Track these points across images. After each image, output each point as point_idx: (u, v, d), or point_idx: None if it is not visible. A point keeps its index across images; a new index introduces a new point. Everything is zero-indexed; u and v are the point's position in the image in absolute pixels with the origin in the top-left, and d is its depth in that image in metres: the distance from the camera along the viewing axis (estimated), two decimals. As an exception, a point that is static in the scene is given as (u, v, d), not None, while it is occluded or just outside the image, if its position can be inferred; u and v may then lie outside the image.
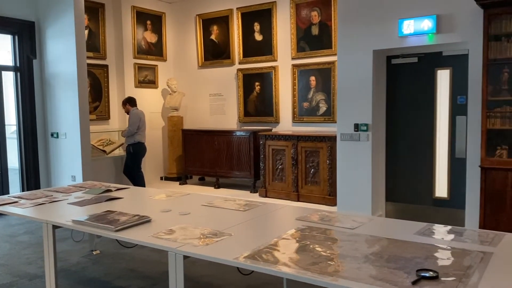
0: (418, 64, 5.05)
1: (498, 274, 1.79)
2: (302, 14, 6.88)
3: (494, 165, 4.12)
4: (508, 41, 4.05)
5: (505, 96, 4.13)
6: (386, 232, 2.49)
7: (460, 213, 4.72)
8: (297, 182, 6.33)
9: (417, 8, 4.63)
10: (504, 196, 4.07)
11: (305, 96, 6.99)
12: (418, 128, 5.12)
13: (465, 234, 2.39)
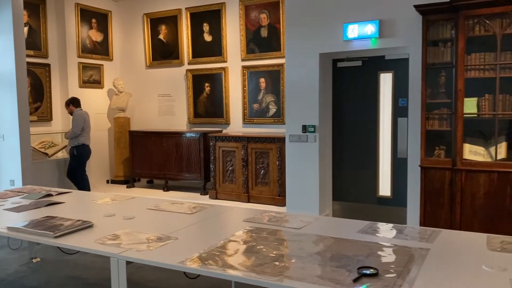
0: (362, 67, 5.21)
1: (433, 269, 1.87)
2: (251, 16, 6.91)
3: (432, 164, 4.33)
4: (445, 46, 4.27)
5: (443, 98, 4.35)
6: (331, 231, 2.54)
7: (403, 211, 4.91)
8: (247, 183, 6.35)
9: (361, 13, 4.78)
10: (442, 194, 4.28)
11: (255, 98, 7.03)
12: (363, 129, 5.28)
13: (405, 232, 2.48)
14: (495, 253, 2.05)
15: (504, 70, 4.01)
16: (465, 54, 4.07)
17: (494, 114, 4.08)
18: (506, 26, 3.93)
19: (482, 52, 4.07)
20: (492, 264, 1.86)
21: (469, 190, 4.11)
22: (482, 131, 4.28)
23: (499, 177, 4.00)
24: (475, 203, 4.10)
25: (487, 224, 4.06)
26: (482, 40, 4.09)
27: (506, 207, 3.99)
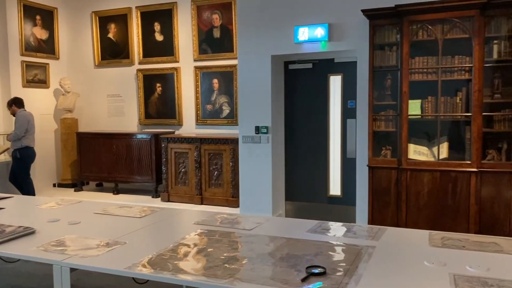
0: (313, 69, 5.31)
1: (379, 265, 1.93)
2: (203, 16, 6.87)
3: (379, 164, 4.47)
4: (391, 50, 4.43)
5: (389, 101, 4.51)
6: (282, 231, 2.56)
7: (352, 209, 5.04)
8: (200, 185, 6.29)
9: (311, 16, 4.87)
10: (389, 193, 4.43)
11: (208, 99, 6.98)
12: (314, 130, 5.38)
13: (352, 230, 2.55)
14: (436, 249, 2.14)
15: (445, 74, 4.21)
16: (409, 58, 4.24)
17: (437, 116, 4.28)
18: (447, 31, 4.13)
19: (425, 56, 4.26)
20: (433, 260, 1.94)
21: (413, 188, 4.29)
22: (425, 132, 4.47)
23: (441, 176, 4.20)
24: (419, 201, 4.28)
25: (430, 220, 4.25)
26: (425, 45, 4.28)
27: (448, 205, 4.19)
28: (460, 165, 4.15)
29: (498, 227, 4.10)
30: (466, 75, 4.14)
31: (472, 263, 1.88)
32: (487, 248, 2.11)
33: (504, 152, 4.14)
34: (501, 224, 4.10)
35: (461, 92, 4.21)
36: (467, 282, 1.68)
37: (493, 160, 4.14)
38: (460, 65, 4.14)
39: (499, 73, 4.13)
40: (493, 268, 1.83)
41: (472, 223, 4.11)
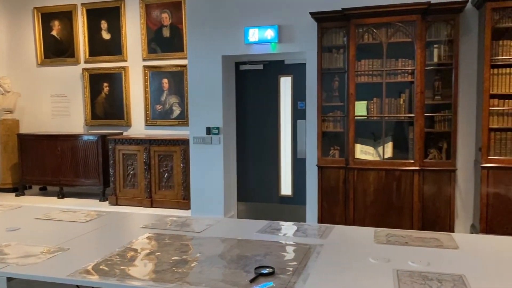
0: (263, 70, 5.34)
1: (326, 263, 1.96)
2: (152, 15, 6.73)
3: (328, 164, 4.57)
4: (338, 52, 4.54)
5: (336, 102, 4.62)
6: (232, 232, 2.55)
7: (303, 209, 5.12)
8: (150, 188, 6.16)
9: (261, 18, 4.90)
10: (337, 192, 4.54)
11: (158, 99, 6.85)
12: (265, 130, 5.42)
13: (302, 229, 2.58)
14: (381, 245, 2.21)
15: (390, 76, 4.37)
16: (356, 60, 4.37)
17: (382, 116, 4.43)
18: (391, 35, 4.29)
19: (371, 59, 4.40)
20: (377, 256, 2.00)
21: (360, 187, 4.42)
22: (371, 132, 4.62)
23: (387, 175, 4.35)
24: (366, 199, 4.41)
25: (377, 218, 4.39)
26: (371, 48, 4.43)
27: (393, 202, 4.35)
28: (404, 164, 4.32)
29: (440, 223, 4.30)
30: (409, 77, 4.32)
31: (414, 259, 1.95)
32: (428, 244, 2.20)
33: (444, 151, 4.35)
34: (442, 220, 4.31)
35: (404, 94, 4.39)
36: (409, 277, 1.75)
37: (434, 159, 4.35)
38: (403, 68, 4.32)
39: (439, 76, 4.34)
40: (433, 263, 1.91)
41: (416, 220, 4.29)
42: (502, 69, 3.99)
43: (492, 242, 2.44)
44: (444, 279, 1.72)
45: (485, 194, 4.02)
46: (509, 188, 3.96)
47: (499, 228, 4.01)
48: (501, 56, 3.98)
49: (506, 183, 3.98)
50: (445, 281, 1.70)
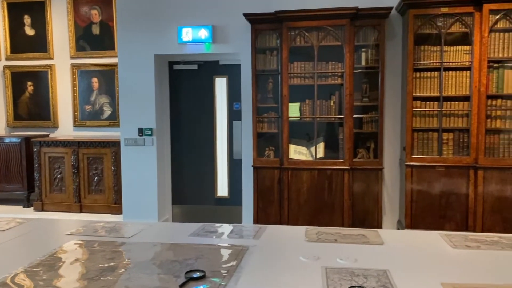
0: (198, 71, 5.29)
1: (258, 264, 1.97)
2: (81, 11, 6.43)
3: (263, 164, 4.61)
4: (271, 54, 4.59)
5: (271, 103, 4.67)
6: (164, 237, 2.49)
7: (239, 210, 5.13)
8: (79, 192, 5.88)
9: (194, 17, 4.84)
10: (272, 192, 4.59)
11: (87, 99, 6.55)
12: (201, 131, 5.36)
13: (235, 231, 2.57)
14: (311, 243, 2.25)
15: (321, 78, 4.49)
16: (289, 62, 4.45)
17: (314, 118, 4.55)
18: (321, 38, 4.41)
19: (303, 61, 4.50)
20: (308, 255, 2.03)
21: (294, 187, 4.50)
22: (304, 133, 4.73)
23: (319, 174, 4.47)
24: (300, 198, 4.50)
25: (310, 216, 4.50)
26: (303, 51, 4.53)
27: (325, 201, 4.48)
28: (335, 163, 4.45)
29: (369, 219, 4.49)
30: (338, 80, 4.46)
31: (342, 255, 2.01)
32: (355, 240, 2.28)
33: (372, 150, 4.55)
34: (371, 216, 4.50)
35: (334, 96, 4.53)
36: (337, 274, 1.79)
37: (363, 158, 4.53)
38: (334, 71, 4.46)
39: (367, 79, 4.53)
40: (360, 259, 1.98)
41: (346, 217, 4.44)
42: (424, 73, 4.24)
43: (415, 237, 2.57)
44: (369, 275, 1.78)
45: (409, 191, 4.25)
46: (431, 185, 4.22)
47: (423, 223, 4.25)
48: (423, 60, 4.23)
49: (428, 181, 4.23)
50: (371, 276, 1.77)
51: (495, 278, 1.76)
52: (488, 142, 4.11)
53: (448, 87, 4.20)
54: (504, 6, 3.99)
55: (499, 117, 4.14)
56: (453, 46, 4.18)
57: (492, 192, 4.08)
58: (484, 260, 2.02)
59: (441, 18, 4.15)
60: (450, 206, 4.19)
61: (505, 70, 4.10)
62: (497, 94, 4.12)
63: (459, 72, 4.17)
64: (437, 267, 1.93)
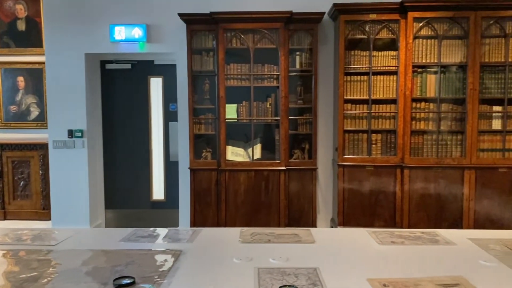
0: (132, 70, 5.14)
1: (191, 268, 1.94)
2: (4, 6, 6.02)
3: (200, 166, 4.58)
4: (208, 55, 4.57)
5: (208, 104, 4.65)
6: (93, 243, 2.39)
7: (176, 213, 5.04)
8: (3, 198, 5.50)
9: (127, 15, 4.71)
10: (210, 194, 4.57)
11: (12, 99, 6.14)
12: (135, 133, 5.22)
13: (168, 234, 2.52)
14: (245, 245, 2.26)
15: (257, 80, 4.54)
16: (225, 64, 4.45)
17: (251, 119, 4.58)
18: (257, 41, 4.45)
19: (239, 63, 4.52)
20: (241, 256, 2.04)
21: (232, 188, 4.50)
22: (241, 134, 4.75)
23: (256, 175, 4.51)
24: (237, 199, 4.51)
25: (248, 217, 4.52)
26: (239, 52, 4.55)
27: (262, 201, 4.52)
28: (271, 164, 4.52)
29: (304, 218, 4.60)
30: (274, 82, 4.53)
31: (275, 255, 2.04)
32: (288, 240, 2.32)
33: (306, 151, 4.66)
34: (306, 215, 4.61)
35: (271, 98, 4.60)
36: (268, 274, 1.81)
37: (298, 158, 4.63)
38: (269, 73, 4.52)
39: (301, 82, 4.64)
40: (292, 258, 2.02)
41: (283, 217, 4.52)
42: (354, 77, 4.42)
43: (344, 234, 2.67)
44: (300, 273, 1.82)
45: (341, 190, 4.41)
46: (362, 184, 4.40)
47: (354, 220, 4.42)
48: (353, 64, 4.40)
49: (359, 180, 4.41)
50: (301, 274, 1.81)
51: (417, 271, 1.87)
52: (413, 142, 4.36)
53: (376, 91, 4.40)
54: (426, 15, 4.25)
55: (423, 119, 4.41)
56: (381, 52, 4.39)
57: (417, 190, 4.33)
58: (408, 255, 2.14)
59: (370, 24, 4.34)
60: (379, 203, 4.40)
61: (428, 75, 4.37)
62: (421, 97, 4.39)
63: (386, 76, 4.39)
64: (364, 263, 2.01)
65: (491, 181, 4.28)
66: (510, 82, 4.29)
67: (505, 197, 4.28)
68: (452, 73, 4.37)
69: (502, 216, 4.30)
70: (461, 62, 4.30)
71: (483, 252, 2.11)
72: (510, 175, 4.27)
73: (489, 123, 4.35)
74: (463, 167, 4.28)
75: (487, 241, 2.27)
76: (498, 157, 4.31)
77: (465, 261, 2.01)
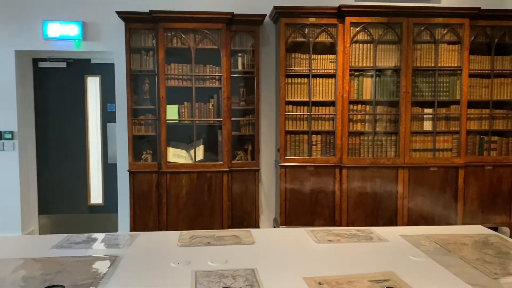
0: (67, 69, 4.92)
1: (126, 274, 1.88)
2: None
3: (140, 168, 4.46)
4: (147, 55, 4.46)
5: (147, 105, 4.54)
6: (22, 251, 2.25)
7: (115, 217, 4.88)
8: None
9: (62, 11, 4.50)
10: (150, 197, 4.46)
11: None
12: (71, 135, 4.99)
13: (104, 240, 2.43)
14: (184, 248, 2.23)
15: (199, 81, 4.50)
16: (166, 64, 4.37)
17: (193, 120, 4.53)
18: (198, 41, 4.41)
19: (180, 63, 4.45)
20: (179, 260, 2.01)
21: (173, 191, 4.43)
22: (183, 136, 4.68)
23: (198, 177, 4.46)
24: (179, 202, 4.44)
25: (190, 220, 4.47)
26: (180, 52, 4.48)
27: (205, 203, 4.49)
28: (214, 166, 4.49)
29: (247, 219, 4.61)
30: (216, 83, 4.51)
31: (214, 258, 2.02)
32: (228, 242, 2.31)
33: (249, 152, 4.68)
34: (249, 216, 4.62)
35: (213, 99, 4.57)
36: (206, 277, 1.79)
37: (241, 160, 4.64)
38: (211, 74, 4.49)
39: (244, 83, 4.66)
40: (230, 260, 2.01)
41: (226, 218, 4.51)
42: (295, 79, 4.49)
43: (284, 234, 2.71)
44: (238, 275, 1.82)
45: (283, 190, 4.47)
46: (303, 184, 4.48)
47: (296, 220, 4.50)
48: (293, 67, 4.48)
49: (300, 180, 4.49)
50: (239, 276, 1.80)
51: (351, 268, 1.93)
52: (350, 143, 4.51)
53: (316, 93, 4.50)
54: (363, 20, 4.41)
55: (359, 121, 4.57)
56: (320, 55, 4.49)
57: (354, 189, 4.48)
58: (343, 252, 2.20)
59: (309, 28, 4.44)
60: (320, 203, 4.50)
61: (364, 78, 4.53)
62: (358, 100, 4.54)
63: (325, 79, 4.50)
64: (301, 262, 2.05)
65: (423, 180, 4.52)
66: (440, 85, 4.55)
67: (436, 195, 4.53)
68: (387, 77, 4.57)
69: (433, 212, 4.55)
70: (395, 66, 4.50)
71: (413, 248, 2.22)
72: (440, 174, 4.53)
73: (420, 124, 4.59)
74: (397, 166, 4.49)
75: (418, 237, 2.39)
76: (429, 157, 4.55)
77: (396, 257, 2.10)
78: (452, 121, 4.59)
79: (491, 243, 2.30)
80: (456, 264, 1.98)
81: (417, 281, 1.77)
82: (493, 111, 4.66)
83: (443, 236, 2.41)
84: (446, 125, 4.60)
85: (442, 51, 4.52)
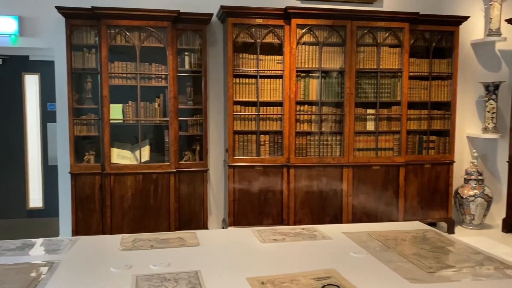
0: (3, 66, 4.67)
1: (61, 282, 1.80)
2: None
3: (82, 170, 4.29)
4: (90, 52, 4.30)
5: (90, 104, 4.37)
6: None
7: (56, 221, 4.67)
8: None
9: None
10: (93, 200, 4.30)
11: None
12: (8, 135, 4.74)
13: (42, 245, 2.31)
14: (126, 252, 2.16)
15: (144, 80, 4.39)
16: (109, 62, 4.23)
17: (138, 120, 4.41)
18: (143, 39, 4.31)
19: (125, 61, 4.33)
20: (119, 264, 1.94)
21: (118, 193, 4.30)
22: (128, 136, 4.55)
23: (144, 178, 4.36)
24: (124, 204, 4.32)
25: (135, 223, 4.35)
26: (124, 50, 4.35)
27: (151, 205, 4.39)
28: (161, 167, 4.40)
29: (195, 221, 4.56)
30: (162, 82, 4.43)
31: (156, 261, 1.97)
32: (172, 244, 2.27)
33: (197, 153, 4.63)
34: (197, 217, 4.57)
35: (159, 98, 4.48)
36: (147, 281, 1.75)
37: (189, 160, 4.58)
38: (157, 73, 4.40)
39: (191, 82, 4.60)
40: (174, 263, 1.97)
41: (173, 220, 4.43)
42: (243, 79, 4.49)
43: (230, 235, 2.70)
44: (180, 278, 1.79)
45: (232, 190, 4.46)
46: (251, 184, 4.49)
47: (245, 220, 4.50)
48: (241, 67, 4.48)
49: (249, 180, 4.49)
50: (182, 279, 1.77)
51: (294, 267, 1.94)
52: (297, 143, 4.57)
53: (264, 93, 4.53)
54: (309, 22, 4.48)
55: (306, 121, 4.64)
56: (268, 56, 4.52)
57: (301, 188, 4.55)
58: (287, 251, 2.22)
59: (256, 28, 4.45)
60: (268, 202, 4.53)
61: (310, 79, 4.61)
62: (304, 101, 4.61)
63: (273, 79, 4.54)
64: (245, 262, 2.04)
65: (366, 178, 4.66)
66: (381, 87, 4.71)
67: (378, 193, 4.70)
68: (333, 78, 4.67)
69: (376, 209, 4.71)
70: (340, 68, 4.61)
71: (354, 245, 2.28)
72: (382, 172, 4.69)
73: (364, 124, 4.74)
74: (342, 165, 4.60)
75: (359, 234, 2.45)
76: (371, 156, 4.70)
77: (338, 254, 2.15)
78: (393, 122, 4.77)
79: (427, 239, 2.41)
80: (395, 259, 2.05)
81: (357, 278, 1.81)
82: (432, 112, 4.89)
83: (383, 232, 2.50)
84: (388, 125, 4.77)
85: (384, 53, 4.68)
